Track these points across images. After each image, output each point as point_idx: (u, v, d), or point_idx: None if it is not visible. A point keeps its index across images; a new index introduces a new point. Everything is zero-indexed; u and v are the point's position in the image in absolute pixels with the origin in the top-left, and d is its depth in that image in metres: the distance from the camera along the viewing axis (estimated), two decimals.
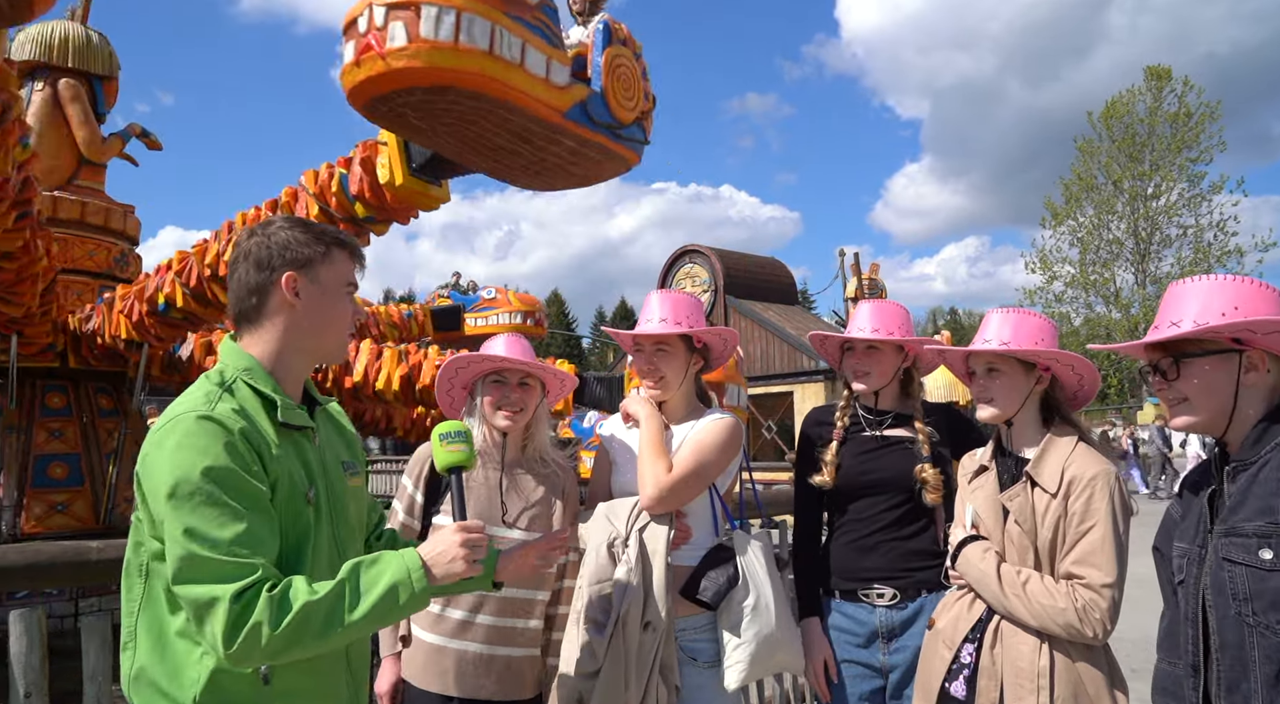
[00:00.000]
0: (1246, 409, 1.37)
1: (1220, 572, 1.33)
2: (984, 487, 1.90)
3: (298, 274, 1.40)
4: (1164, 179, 24.98)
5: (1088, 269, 26.04)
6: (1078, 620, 1.66)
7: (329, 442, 1.50)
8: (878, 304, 2.22)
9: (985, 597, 1.81)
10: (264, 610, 1.16)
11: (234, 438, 1.25)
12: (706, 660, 2.03)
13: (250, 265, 1.40)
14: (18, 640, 1.96)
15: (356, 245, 1.50)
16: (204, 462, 1.21)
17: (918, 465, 2.11)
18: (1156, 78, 25.43)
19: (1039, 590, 1.71)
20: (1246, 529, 1.30)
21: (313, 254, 1.41)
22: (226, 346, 1.43)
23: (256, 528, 1.23)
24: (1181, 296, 1.44)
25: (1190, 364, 1.41)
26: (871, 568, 2.13)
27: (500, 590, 1.59)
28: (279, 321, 1.41)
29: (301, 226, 1.44)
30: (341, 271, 1.46)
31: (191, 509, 1.19)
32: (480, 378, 2.11)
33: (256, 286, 1.40)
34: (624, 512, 2.02)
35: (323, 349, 1.48)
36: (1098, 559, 1.67)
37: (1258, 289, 1.39)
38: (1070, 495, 1.72)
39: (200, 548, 1.18)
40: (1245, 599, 1.29)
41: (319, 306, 1.42)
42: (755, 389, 17.63)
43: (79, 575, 2.15)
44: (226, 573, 1.17)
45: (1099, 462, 1.75)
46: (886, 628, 2.10)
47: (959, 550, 1.88)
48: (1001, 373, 1.86)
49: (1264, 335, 1.35)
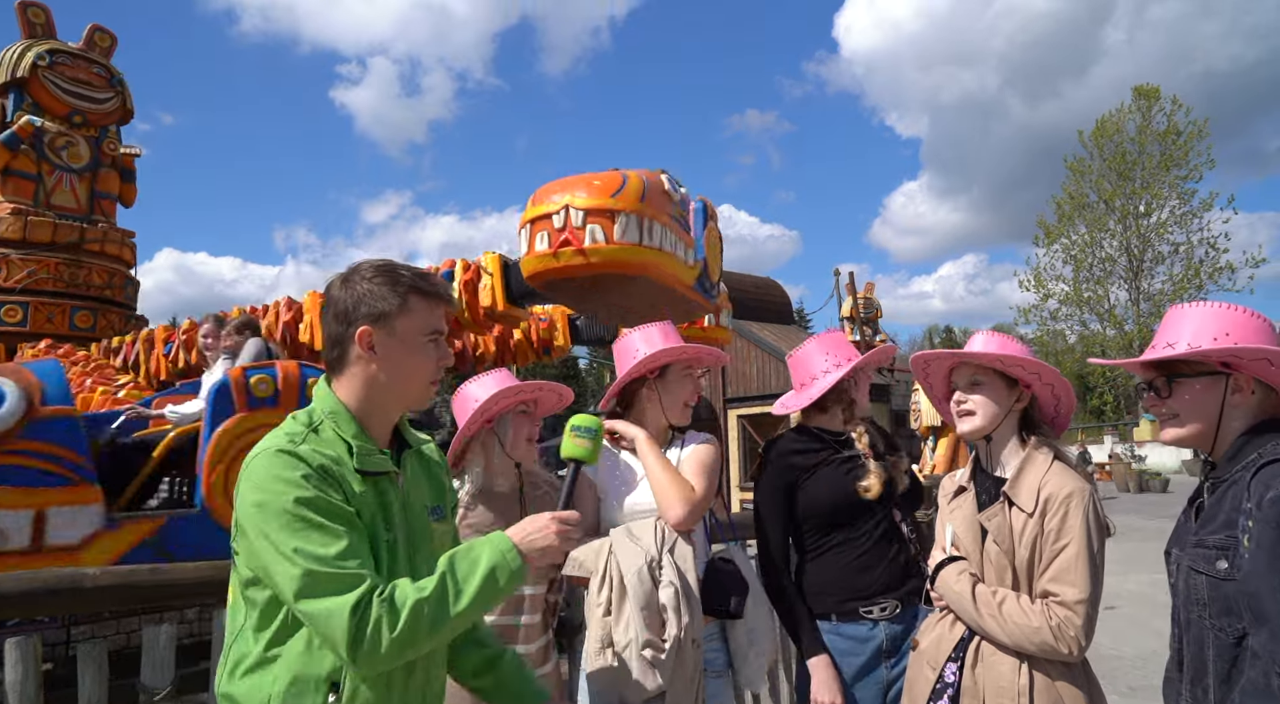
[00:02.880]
0: (1230, 427, 1.49)
1: (1190, 579, 1.45)
2: (962, 507, 1.93)
3: (373, 328, 1.42)
4: (1154, 197, 25.18)
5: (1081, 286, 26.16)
6: (1053, 639, 1.68)
7: (415, 484, 1.53)
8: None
9: (963, 618, 1.83)
10: (380, 615, 1.24)
11: (313, 470, 1.32)
12: (716, 669, 2.09)
13: (331, 317, 1.45)
14: (13, 669, 1.97)
15: (438, 291, 1.49)
16: (293, 490, 1.28)
17: (861, 481, 2.15)
18: (1145, 97, 25.74)
19: (1014, 610, 1.74)
20: (1210, 542, 1.42)
21: (388, 308, 1.42)
22: (319, 389, 1.48)
23: (356, 542, 1.30)
24: (1179, 320, 1.56)
25: (1182, 383, 1.53)
26: (873, 583, 2.14)
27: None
28: (359, 372, 1.44)
29: (384, 276, 1.44)
30: (421, 322, 1.46)
31: (294, 532, 1.26)
32: (508, 411, 2.15)
33: (337, 338, 1.45)
34: (648, 533, 2.04)
35: (405, 398, 1.49)
36: (1072, 576, 1.70)
37: (1249, 318, 1.52)
38: (1046, 514, 1.75)
39: (312, 565, 1.24)
40: (1204, 604, 1.41)
41: (397, 359, 1.44)
42: (751, 409, 17.63)
43: (74, 603, 2.16)
44: (341, 586, 1.24)
45: (1074, 480, 1.79)
46: (890, 642, 2.11)
47: (937, 572, 1.90)
48: (984, 385, 1.90)
49: (1250, 361, 1.47)
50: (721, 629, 2.15)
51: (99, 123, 7.62)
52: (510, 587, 1.38)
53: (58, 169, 7.33)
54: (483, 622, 1.70)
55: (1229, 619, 1.36)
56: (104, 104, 7.62)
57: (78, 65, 7.50)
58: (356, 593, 1.24)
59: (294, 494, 1.28)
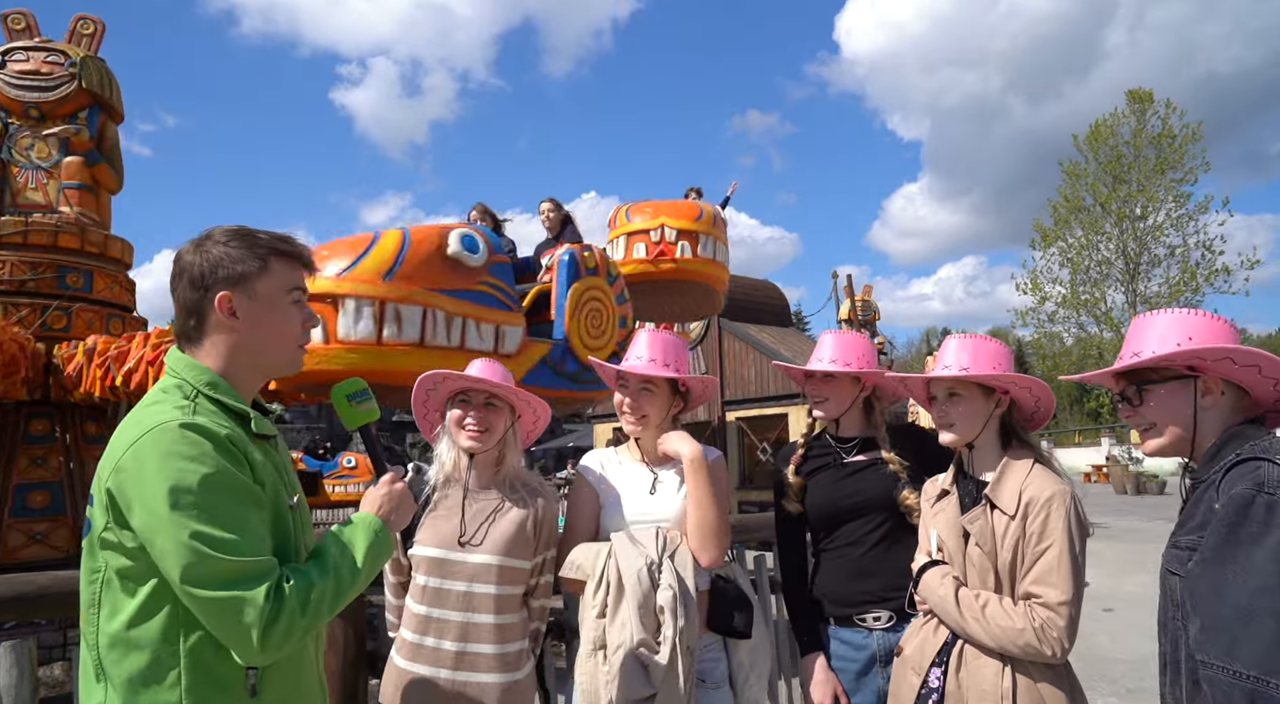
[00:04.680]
0: (1206, 431, 1.50)
1: (1166, 581, 1.48)
2: (946, 510, 1.94)
3: (233, 292, 1.36)
4: (1150, 200, 25.21)
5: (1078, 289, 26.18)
6: (1036, 640, 1.69)
7: (282, 449, 1.52)
8: (838, 335, 2.30)
9: (946, 621, 1.85)
10: (291, 601, 1.23)
11: (218, 444, 1.26)
12: (714, 680, 2.08)
13: (186, 284, 1.37)
14: (8, 672, 1.98)
15: (299, 251, 1.44)
16: (200, 468, 1.22)
17: (899, 492, 2.14)
18: (1139, 101, 25.79)
19: (997, 613, 1.75)
20: (1183, 543, 1.44)
21: (247, 270, 1.36)
22: (179, 360, 1.38)
23: (259, 526, 1.28)
24: (1143, 328, 1.59)
25: (1151, 391, 1.55)
26: (865, 592, 2.15)
27: None
28: (221, 340, 1.37)
29: (240, 239, 1.38)
30: (282, 281, 1.41)
31: (196, 515, 1.19)
32: (449, 398, 2.14)
33: (194, 306, 1.37)
34: (649, 538, 2.04)
35: (271, 364, 1.44)
36: (1054, 578, 1.71)
37: (1210, 321, 1.54)
38: (1028, 516, 1.77)
39: (214, 551, 1.19)
40: (1177, 605, 1.43)
41: (261, 323, 1.38)
42: (749, 411, 17.65)
43: (70, 605, 2.17)
44: (248, 574, 1.21)
45: (1055, 482, 1.80)
46: (884, 651, 2.11)
47: (920, 575, 1.92)
48: (962, 398, 1.92)
49: (1213, 362, 1.48)
50: (723, 642, 2.15)
51: (59, 112, 7.23)
52: (383, 560, 1.44)
53: (25, 168, 7.12)
54: None
55: None
56: (55, 91, 7.23)
57: (31, 58, 7.15)
58: (268, 582, 1.22)
59: (201, 473, 1.21)
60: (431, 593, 2.00)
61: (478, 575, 1.99)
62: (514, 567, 2.03)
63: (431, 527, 2.04)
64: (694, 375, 2.22)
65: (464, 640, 1.96)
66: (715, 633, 2.09)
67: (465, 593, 1.98)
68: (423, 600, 2.01)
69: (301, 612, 1.24)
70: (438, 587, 1.99)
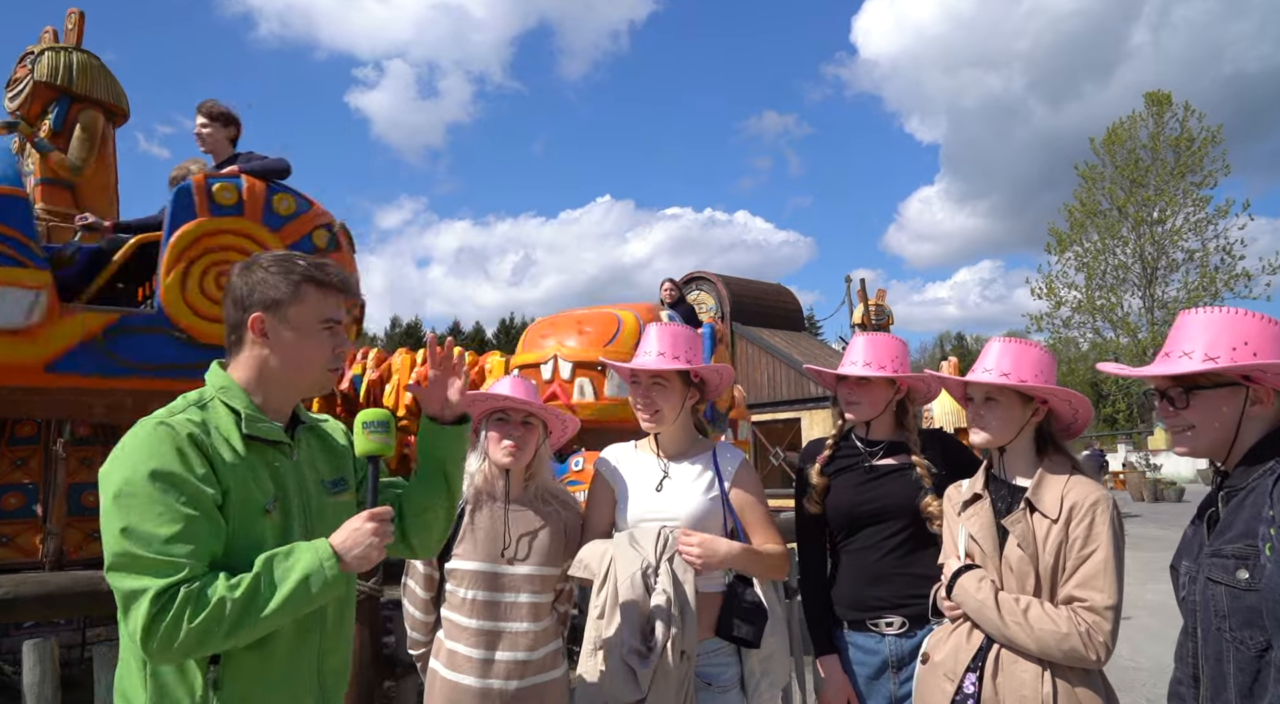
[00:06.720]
0: (1247, 437, 1.45)
1: (1207, 590, 1.41)
2: (979, 514, 1.91)
3: (266, 314, 1.46)
4: (1169, 203, 24.99)
5: (1094, 294, 25.97)
6: (1082, 645, 1.67)
7: (310, 460, 1.54)
8: (871, 337, 2.26)
9: (984, 626, 1.81)
10: (182, 606, 1.23)
11: (183, 442, 1.31)
12: (722, 685, 2.05)
13: (230, 303, 1.49)
14: (31, 671, 1.99)
15: (334, 281, 1.51)
16: (151, 463, 1.28)
17: (921, 499, 2.11)
18: (1157, 103, 25.58)
19: (1040, 616, 1.72)
20: (1228, 551, 1.38)
21: (281, 295, 1.46)
22: (212, 371, 1.51)
23: (194, 529, 1.28)
24: (1192, 326, 1.52)
25: (1200, 396, 1.48)
26: (881, 597, 2.13)
27: None
28: (251, 356, 1.48)
29: (280, 265, 1.48)
30: (315, 310, 1.49)
31: (131, 508, 1.25)
32: (486, 416, 2.20)
33: (234, 324, 1.49)
34: (649, 540, 2.03)
35: (297, 385, 1.52)
36: (1100, 582, 1.69)
37: (1266, 325, 1.47)
38: (1071, 521, 1.74)
39: (134, 545, 1.24)
40: (1224, 616, 1.37)
41: (289, 345, 1.47)
42: (762, 415, 17.62)
43: (91, 605, 2.17)
44: (154, 569, 1.24)
45: (1096, 488, 1.78)
46: (896, 657, 2.09)
47: (954, 580, 1.88)
48: (999, 404, 1.89)
49: (1273, 375, 1.43)
50: (736, 648, 2.11)
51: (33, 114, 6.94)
52: (324, 595, 1.33)
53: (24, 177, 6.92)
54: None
55: (1250, 631, 1.32)
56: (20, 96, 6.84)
57: (17, 69, 6.91)
58: (165, 581, 1.23)
59: (151, 466, 1.27)
60: (480, 606, 2.07)
61: (522, 587, 2.09)
62: (553, 576, 2.15)
63: (471, 540, 2.11)
64: (706, 365, 2.20)
65: (513, 649, 2.05)
66: (724, 638, 2.06)
67: (512, 604, 2.08)
68: (471, 614, 2.07)
69: (190, 619, 1.22)
70: (486, 600, 2.07)
